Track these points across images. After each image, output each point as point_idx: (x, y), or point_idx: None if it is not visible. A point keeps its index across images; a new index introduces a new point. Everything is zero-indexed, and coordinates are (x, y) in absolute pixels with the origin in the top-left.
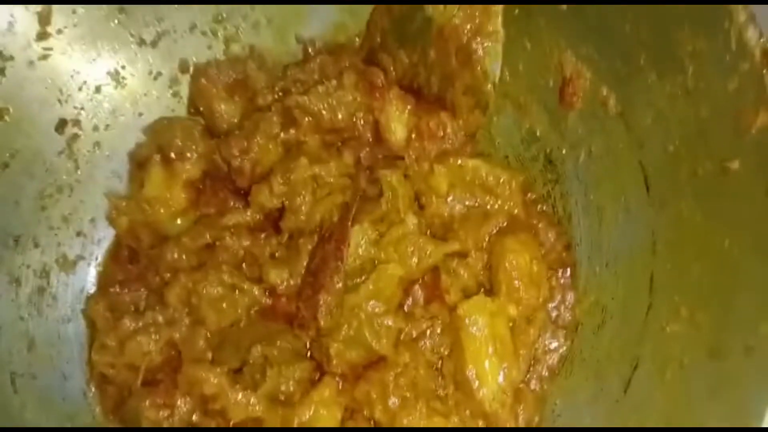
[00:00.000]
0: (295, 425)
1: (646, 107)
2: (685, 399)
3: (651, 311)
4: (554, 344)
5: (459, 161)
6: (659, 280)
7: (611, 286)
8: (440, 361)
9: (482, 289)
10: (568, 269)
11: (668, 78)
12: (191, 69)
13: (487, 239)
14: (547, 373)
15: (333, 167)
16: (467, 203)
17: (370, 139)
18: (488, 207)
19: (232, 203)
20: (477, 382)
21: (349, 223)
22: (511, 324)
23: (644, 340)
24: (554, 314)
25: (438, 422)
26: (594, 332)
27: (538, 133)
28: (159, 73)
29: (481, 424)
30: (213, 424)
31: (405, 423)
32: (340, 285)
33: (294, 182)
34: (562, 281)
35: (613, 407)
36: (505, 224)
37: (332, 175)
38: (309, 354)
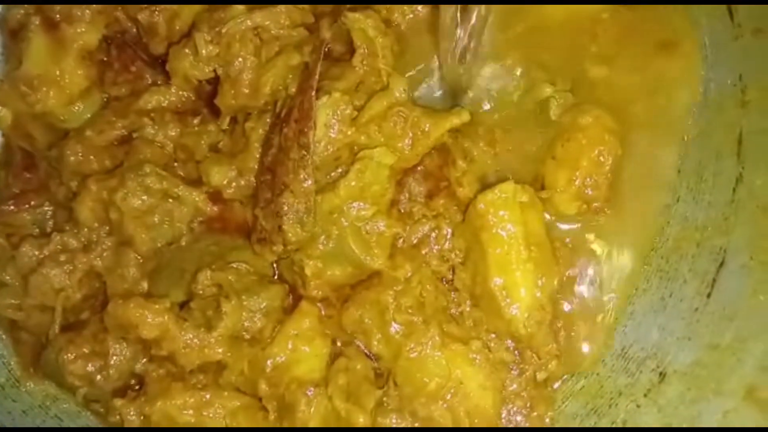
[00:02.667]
0: (269, 368)
1: None
2: None
3: (741, 185)
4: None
5: None
6: (753, 141)
7: None
8: (451, 272)
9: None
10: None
11: None
12: None
13: None
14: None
15: (281, 13)
16: None
17: None
18: None
19: (149, 78)
20: (507, 298)
21: (313, 94)
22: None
23: (734, 225)
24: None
25: (456, 350)
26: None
27: None
28: None
29: (510, 346)
30: (163, 373)
31: (414, 356)
32: (310, 182)
33: (227, 38)
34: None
35: (693, 317)
36: None
37: (281, 25)
38: (277, 275)
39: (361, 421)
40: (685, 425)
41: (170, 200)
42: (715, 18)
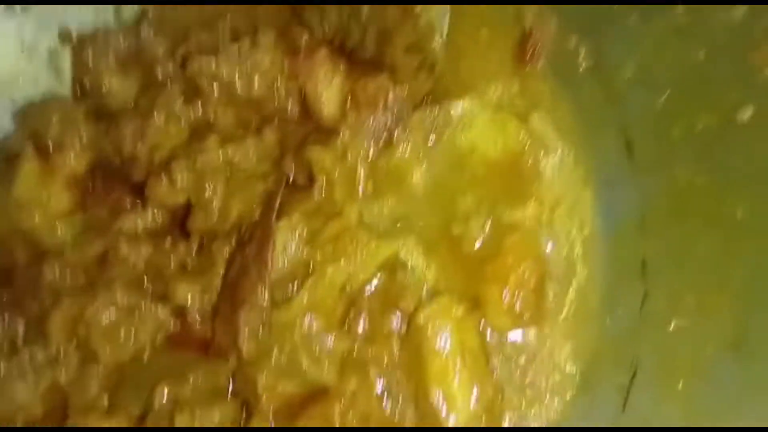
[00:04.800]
0: None
1: (626, 56)
2: (707, 411)
3: (648, 302)
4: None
5: None
6: (654, 264)
7: None
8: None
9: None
10: None
11: (654, 15)
12: (74, 39)
13: None
14: None
15: (250, 149)
16: None
17: (297, 114)
18: None
19: (128, 204)
20: (444, 408)
21: (273, 218)
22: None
23: (641, 339)
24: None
25: None
26: None
27: None
28: (33, 46)
29: None
30: None
31: None
32: (266, 298)
33: (201, 170)
34: None
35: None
36: None
37: (250, 159)
38: (232, 390)
39: None
40: None
41: (136, 315)
42: (617, 154)
